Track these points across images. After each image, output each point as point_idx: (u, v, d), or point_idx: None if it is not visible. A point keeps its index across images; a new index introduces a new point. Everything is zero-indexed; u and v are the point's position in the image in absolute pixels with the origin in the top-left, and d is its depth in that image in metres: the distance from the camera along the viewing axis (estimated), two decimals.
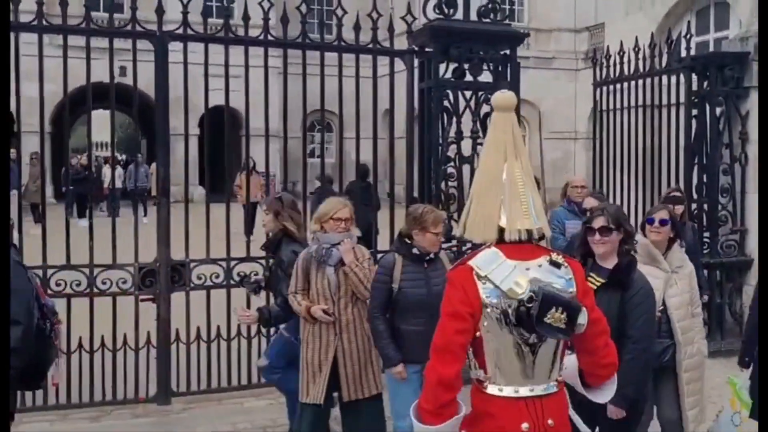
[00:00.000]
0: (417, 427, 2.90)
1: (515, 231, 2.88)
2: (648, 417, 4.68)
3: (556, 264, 2.91)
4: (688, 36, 8.86)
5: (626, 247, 4.21)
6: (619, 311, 4.06)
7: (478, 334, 2.84)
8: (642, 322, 4.09)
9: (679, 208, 6.22)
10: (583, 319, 2.81)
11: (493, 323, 2.82)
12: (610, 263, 4.17)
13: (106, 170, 21.92)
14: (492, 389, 2.90)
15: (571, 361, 3.09)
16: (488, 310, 2.81)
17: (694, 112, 8.69)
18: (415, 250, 4.90)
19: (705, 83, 8.64)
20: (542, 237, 3.02)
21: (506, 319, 2.80)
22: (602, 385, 3.13)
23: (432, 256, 4.95)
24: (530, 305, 2.74)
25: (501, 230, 2.90)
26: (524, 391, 2.88)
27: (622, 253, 4.20)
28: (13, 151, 15.26)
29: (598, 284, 4.06)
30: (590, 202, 5.94)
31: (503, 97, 3.02)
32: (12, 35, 6.03)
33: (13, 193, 14.54)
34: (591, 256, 4.23)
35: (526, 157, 3.00)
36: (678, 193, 6.83)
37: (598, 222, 4.17)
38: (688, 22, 11.37)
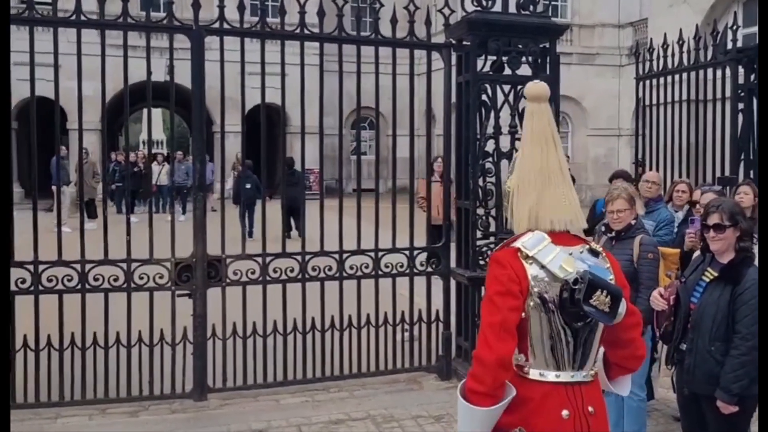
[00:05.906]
0: (466, 409, 2.77)
1: (555, 222, 2.89)
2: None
3: (594, 252, 2.95)
4: (735, 27, 8.63)
5: (741, 244, 4.20)
6: (729, 307, 4.10)
7: (522, 314, 2.80)
8: (749, 319, 4.05)
9: (742, 200, 5.98)
10: (623, 308, 2.80)
11: (538, 305, 2.80)
12: (727, 258, 4.21)
13: (154, 167, 22.11)
14: (533, 374, 2.85)
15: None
16: (534, 290, 2.79)
17: (741, 105, 8.48)
18: (601, 227, 5.32)
19: (752, 76, 8.41)
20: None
21: (551, 302, 2.79)
22: (621, 378, 3.10)
23: (619, 234, 5.20)
24: (576, 287, 2.73)
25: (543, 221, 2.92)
26: (565, 377, 2.84)
27: (739, 250, 4.19)
28: (63, 148, 15.50)
29: (712, 277, 4.19)
30: (709, 197, 5.78)
31: (537, 87, 3.02)
32: (51, 30, 6.12)
33: (62, 190, 14.84)
34: (711, 251, 4.27)
35: (561, 150, 3.02)
36: (745, 186, 6.56)
37: (713, 219, 4.19)
38: (735, 13, 11.05)
